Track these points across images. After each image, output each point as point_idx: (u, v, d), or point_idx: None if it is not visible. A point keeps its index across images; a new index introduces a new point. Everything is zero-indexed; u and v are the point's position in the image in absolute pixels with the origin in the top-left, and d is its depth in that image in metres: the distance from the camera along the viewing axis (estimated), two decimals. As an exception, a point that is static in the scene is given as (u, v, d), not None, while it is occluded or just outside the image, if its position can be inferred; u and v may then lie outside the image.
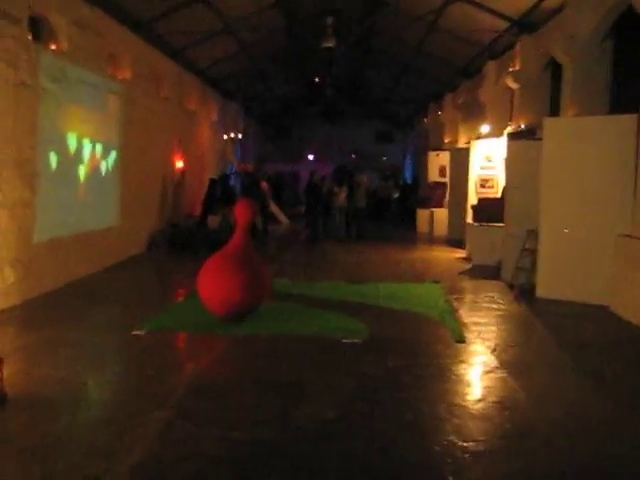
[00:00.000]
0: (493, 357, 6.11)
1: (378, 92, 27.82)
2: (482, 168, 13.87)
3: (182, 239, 14.06)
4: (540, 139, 9.56)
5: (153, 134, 13.83)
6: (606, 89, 9.66)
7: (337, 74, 25.01)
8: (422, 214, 19.10)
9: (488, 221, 11.73)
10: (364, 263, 12.41)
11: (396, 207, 23.78)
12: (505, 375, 5.55)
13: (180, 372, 5.60)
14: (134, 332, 6.69)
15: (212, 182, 15.49)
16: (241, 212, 7.59)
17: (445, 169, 18.78)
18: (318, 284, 9.89)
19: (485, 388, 5.32)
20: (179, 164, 15.98)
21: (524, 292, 9.01)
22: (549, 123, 8.83)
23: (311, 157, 31.32)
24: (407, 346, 6.46)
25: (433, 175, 19.44)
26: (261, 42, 17.69)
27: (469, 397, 5.06)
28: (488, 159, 13.73)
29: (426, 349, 6.41)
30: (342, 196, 16.20)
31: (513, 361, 6.04)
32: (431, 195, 19.03)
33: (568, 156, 8.50)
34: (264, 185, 19.05)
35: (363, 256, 13.40)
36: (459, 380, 5.49)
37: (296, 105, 31.03)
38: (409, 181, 25.59)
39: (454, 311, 7.99)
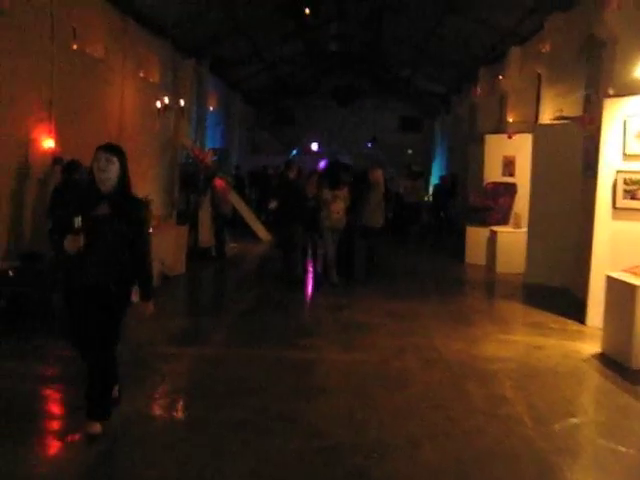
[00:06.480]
0: None
1: (401, 62, 20.33)
2: (627, 158, 6.55)
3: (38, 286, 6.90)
4: None
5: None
6: None
7: (347, 33, 17.70)
8: (475, 235, 11.66)
9: None
10: (367, 384, 5.08)
11: (429, 219, 16.33)
12: None
13: None
14: None
15: (70, 167, 7.59)
16: None
17: (514, 162, 11.48)
18: None
19: None
20: (47, 144, 8.49)
21: None
22: None
23: (315, 146, 23.84)
24: None
25: (492, 172, 11.99)
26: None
27: None
28: (643, 138, 6.41)
29: None
30: (338, 207, 8.60)
31: None
32: (489, 204, 11.65)
33: None
34: (219, 183, 11.85)
35: (373, 349, 6.09)
36: None
37: (297, 81, 23.44)
38: (445, 180, 17.90)
39: None
